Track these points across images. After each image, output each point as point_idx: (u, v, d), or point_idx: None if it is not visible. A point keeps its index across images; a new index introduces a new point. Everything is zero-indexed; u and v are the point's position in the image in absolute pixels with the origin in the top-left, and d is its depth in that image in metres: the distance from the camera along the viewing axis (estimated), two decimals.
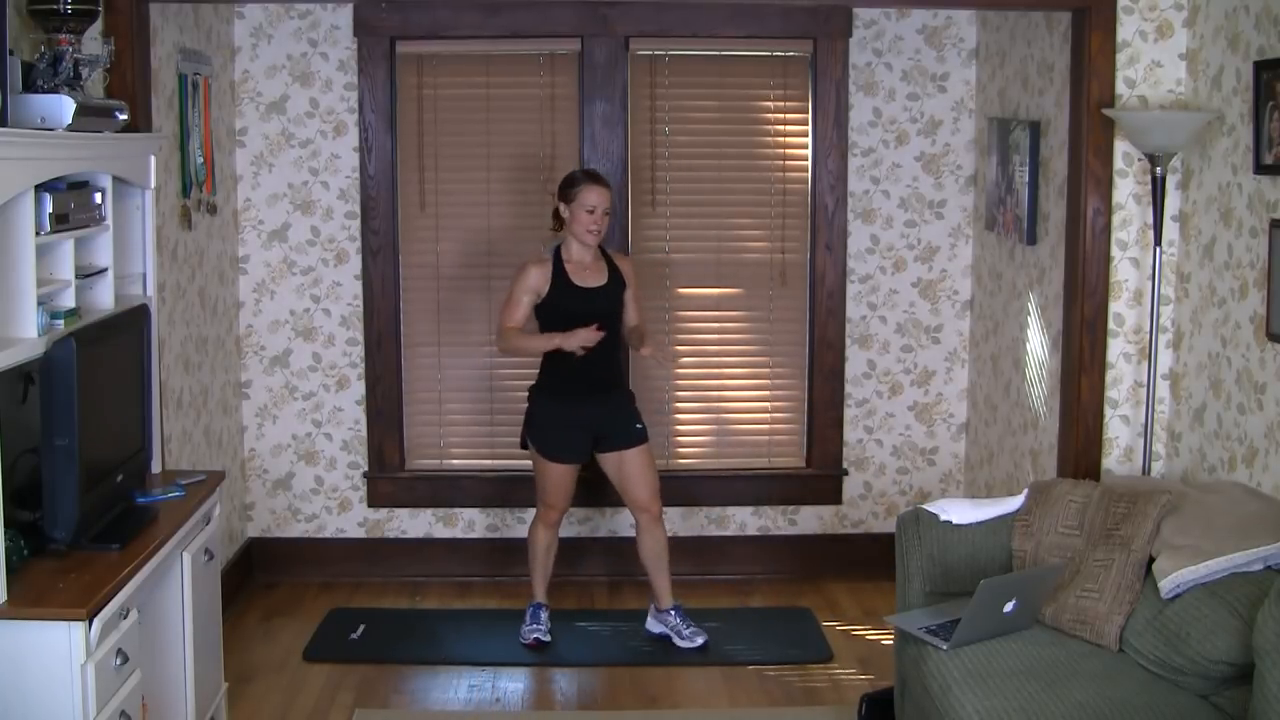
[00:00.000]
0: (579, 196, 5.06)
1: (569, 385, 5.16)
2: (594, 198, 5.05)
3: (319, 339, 6.00)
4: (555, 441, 5.21)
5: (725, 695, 4.92)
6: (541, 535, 5.35)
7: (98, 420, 3.61)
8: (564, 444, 5.21)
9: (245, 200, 5.89)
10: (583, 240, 5.09)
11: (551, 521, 5.34)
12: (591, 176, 5.13)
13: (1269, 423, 4.05)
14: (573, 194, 5.07)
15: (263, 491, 6.05)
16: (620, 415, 5.25)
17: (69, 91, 3.58)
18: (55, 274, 3.63)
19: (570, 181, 5.12)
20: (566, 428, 5.19)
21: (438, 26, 5.77)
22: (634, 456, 5.22)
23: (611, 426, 5.23)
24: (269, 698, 4.83)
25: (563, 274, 5.11)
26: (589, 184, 5.07)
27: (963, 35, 5.94)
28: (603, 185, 5.10)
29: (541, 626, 5.33)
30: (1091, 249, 4.72)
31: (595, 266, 5.17)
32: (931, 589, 4.27)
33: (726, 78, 6.00)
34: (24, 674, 3.14)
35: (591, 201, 5.05)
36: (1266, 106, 4.01)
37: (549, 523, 5.34)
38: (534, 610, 5.38)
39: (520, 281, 5.12)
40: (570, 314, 5.08)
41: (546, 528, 5.34)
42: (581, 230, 5.07)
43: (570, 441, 5.21)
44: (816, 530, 6.14)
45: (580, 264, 5.14)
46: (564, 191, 5.11)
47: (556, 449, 5.21)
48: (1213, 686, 3.52)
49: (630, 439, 5.22)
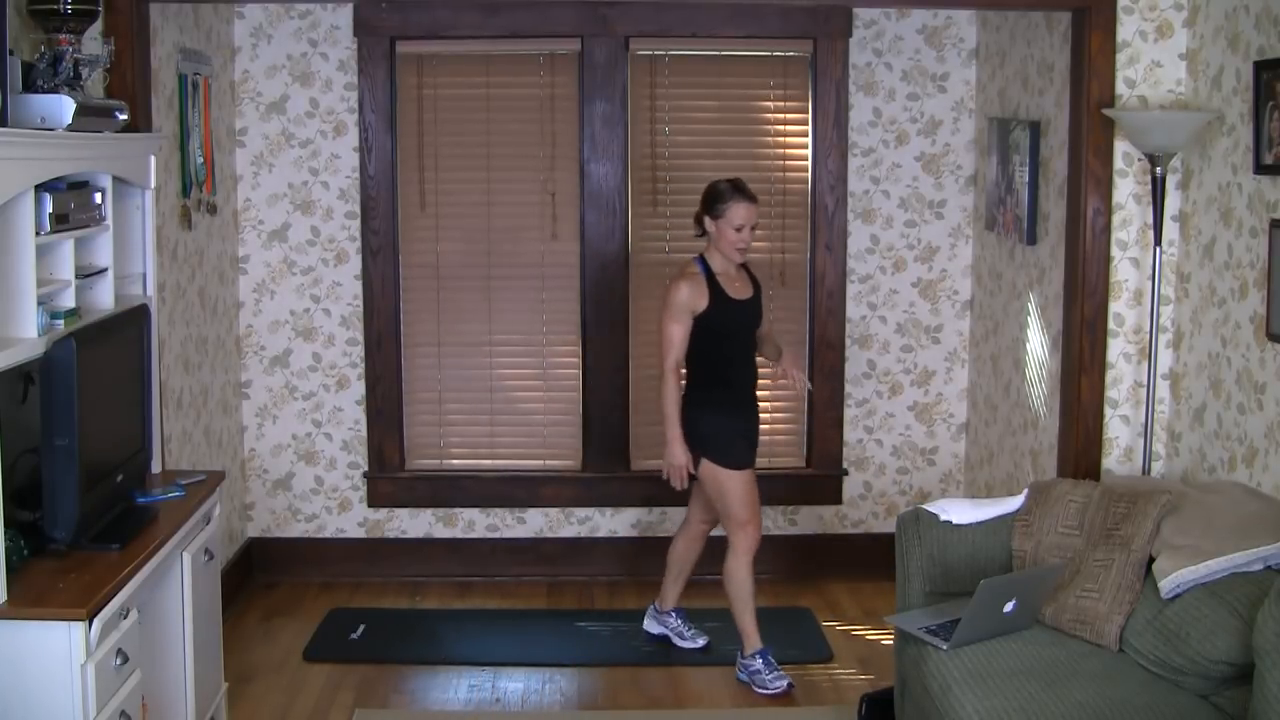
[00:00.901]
0: (726, 213, 4.82)
1: (731, 396, 5.00)
2: (742, 214, 4.82)
3: (319, 339, 6.00)
4: (736, 448, 4.96)
5: (725, 695, 4.92)
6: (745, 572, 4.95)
7: (98, 420, 3.61)
8: (742, 450, 4.98)
9: (245, 200, 5.90)
10: (730, 258, 4.89)
11: (755, 544, 4.95)
12: (740, 191, 4.85)
13: (1269, 423, 4.05)
14: (720, 210, 4.84)
15: (263, 491, 6.05)
16: (758, 429, 5.09)
17: (69, 91, 3.58)
18: (55, 274, 3.63)
19: (717, 196, 4.86)
20: (737, 435, 4.98)
21: (438, 26, 5.77)
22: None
23: (756, 438, 5.09)
24: (269, 698, 4.83)
25: (718, 287, 4.89)
26: (737, 200, 4.83)
27: (963, 35, 5.94)
28: (751, 200, 4.85)
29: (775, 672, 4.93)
30: (1091, 249, 4.72)
31: (740, 276, 5.00)
32: (931, 589, 4.27)
33: (726, 78, 6.00)
34: (24, 674, 3.14)
35: (740, 219, 4.82)
36: (1266, 106, 4.01)
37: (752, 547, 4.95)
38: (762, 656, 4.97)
39: (677, 299, 4.85)
40: (726, 328, 4.91)
41: (750, 554, 4.95)
42: (729, 248, 4.86)
43: (745, 447, 5.00)
44: (816, 530, 6.14)
45: (728, 275, 4.94)
46: (709, 205, 4.87)
47: (740, 456, 4.96)
48: (1213, 686, 3.53)
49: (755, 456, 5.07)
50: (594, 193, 5.91)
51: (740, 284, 4.99)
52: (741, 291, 4.98)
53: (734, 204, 4.82)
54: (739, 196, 4.83)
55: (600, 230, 5.92)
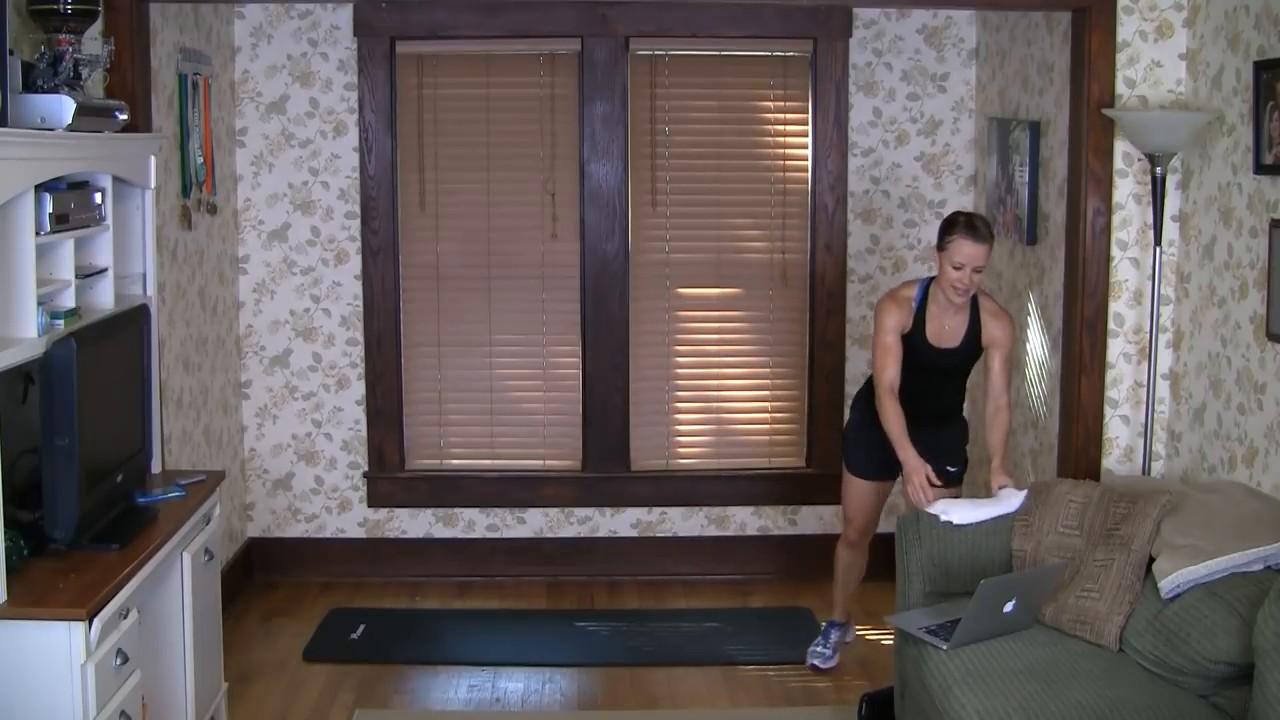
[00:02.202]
0: (949, 247, 4.47)
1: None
2: (965, 253, 4.44)
3: (319, 339, 5.99)
4: (862, 457, 4.89)
5: (725, 695, 4.92)
6: (843, 554, 5.07)
7: (98, 420, 3.61)
8: (870, 460, 4.85)
9: (245, 200, 5.90)
10: (948, 296, 4.55)
11: (851, 540, 5.02)
12: (970, 229, 4.46)
13: (1269, 423, 4.05)
14: (945, 243, 4.49)
15: (263, 491, 6.05)
16: (934, 453, 4.65)
17: (69, 91, 3.58)
18: (55, 274, 3.63)
19: (947, 226, 4.52)
20: (877, 446, 4.74)
21: (438, 26, 5.77)
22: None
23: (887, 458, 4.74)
24: (269, 698, 4.83)
25: (922, 324, 4.62)
26: (963, 237, 4.45)
27: (963, 35, 5.94)
28: (979, 240, 4.44)
29: (827, 650, 5.08)
30: (1091, 249, 4.72)
31: (959, 318, 4.63)
32: (931, 589, 4.27)
33: (726, 78, 6.00)
34: (24, 674, 3.14)
35: (962, 257, 4.45)
36: (1266, 106, 4.01)
37: (848, 541, 5.03)
38: (825, 628, 5.17)
39: (883, 322, 4.63)
40: (914, 365, 4.65)
41: (846, 546, 5.05)
42: (946, 286, 4.52)
43: (876, 459, 4.81)
44: (816, 530, 6.14)
45: (943, 308, 4.61)
46: (940, 235, 4.54)
47: (863, 465, 4.89)
48: (1213, 686, 3.52)
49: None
50: (594, 193, 5.91)
51: (953, 326, 4.63)
52: (946, 338, 4.64)
53: (957, 239, 4.46)
54: (965, 234, 4.46)
55: (600, 230, 5.92)
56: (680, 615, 5.65)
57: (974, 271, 4.47)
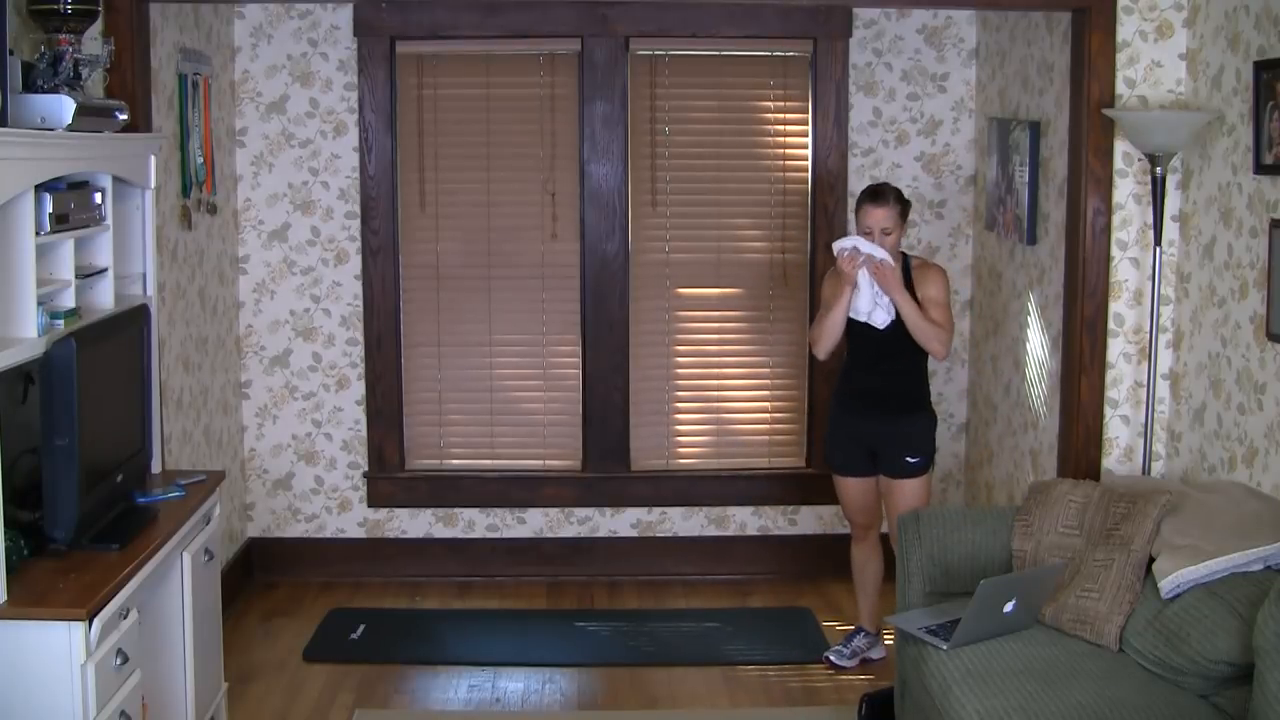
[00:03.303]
0: (859, 216, 4.75)
1: (850, 397, 4.96)
2: (872, 216, 4.69)
3: (319, 339, 6.00)
4: (835, 454, 5.01)
5: (725, 695, 4.92)
6: (854, 553, 5.14)
7: (98, 420, 3.61)
8: (843, 456, 4.97)
9: (245, 200, 5.90)
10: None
11: (858, 538, 5.10)
12: (872, 195, 4.73)
13: (1269, 423, 4.05)
14: (857, 214, 4.77)
15: (263, 491, 6.05)
16: (896, 442, 4.84)
17: (69, 91, 3.58)
18: (55, 274, 3.63)
19: (859, 199, 4.79)
20: (846, 440, 4.95)
21: (438, 26, 5.77)
22: (896, 487, 4.88)
23: (884, 449, 4.88)
24: (269, 698, 4.83)
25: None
26: (867, 203, 4.72)
27: (963, 35, 5.94)
28: (880, 203, 4.68)
29: (846, 651, 5.10)
30: (1091, 249, 4.72)
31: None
32: (931, 589, 4.27)
33: (726, 78, 6.00)
34: (24, 674, 3.14)
35: (870, 220, 4.70)
36: (1266, 106, 4.01)
37: (856, 540, 5.11)
38: (854, 631, 5.20)
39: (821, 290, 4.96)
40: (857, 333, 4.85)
41: (856, 545, 5.12)
42: None
43: (849, 454, 4.95)
44: (816, 530, 6.14)
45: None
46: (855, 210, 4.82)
47: (837, 462, 5.00)
48: (1213, 686, 3.52)
49: (895, 469, 4.87)
50: (594, 193, 5.91)
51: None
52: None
53: (864, 206, 4.73)
54: (868, 199, 4.73)
55: (600, 230, 5.92)
56: (680, 615, 5.65)
57: (883, 234, 4.69)
